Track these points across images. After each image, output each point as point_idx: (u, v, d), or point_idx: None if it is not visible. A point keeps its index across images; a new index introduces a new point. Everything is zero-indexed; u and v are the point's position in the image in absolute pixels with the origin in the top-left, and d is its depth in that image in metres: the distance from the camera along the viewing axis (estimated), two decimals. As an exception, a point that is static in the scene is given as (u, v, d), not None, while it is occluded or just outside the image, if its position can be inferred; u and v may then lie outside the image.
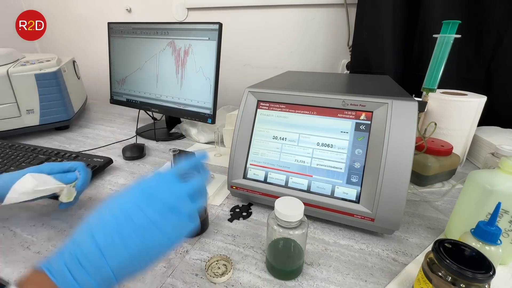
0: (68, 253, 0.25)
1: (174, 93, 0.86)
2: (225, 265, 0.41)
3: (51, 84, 0.88)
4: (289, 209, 0.36)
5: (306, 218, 0.38)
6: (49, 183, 0.45)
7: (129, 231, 0.26)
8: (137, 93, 0.94)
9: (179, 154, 0.59)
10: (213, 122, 0.80)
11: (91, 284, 0.24)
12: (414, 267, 0.41)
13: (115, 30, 0.94)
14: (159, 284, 0.38)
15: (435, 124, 0.63)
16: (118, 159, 0.74)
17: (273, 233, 0.37)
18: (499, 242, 0.34)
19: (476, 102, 0.66)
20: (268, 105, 0.53)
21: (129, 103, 0.97)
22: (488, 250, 0.34)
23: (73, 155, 0.69)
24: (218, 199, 0.57)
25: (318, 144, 0.48)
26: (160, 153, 0.80)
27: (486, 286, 0.29)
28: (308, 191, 0.48)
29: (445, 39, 0.55)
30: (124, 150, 0.77)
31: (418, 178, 0.62)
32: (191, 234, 0.30)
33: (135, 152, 0.76)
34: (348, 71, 0.96)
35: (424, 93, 0.61)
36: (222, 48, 0.75)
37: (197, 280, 0.38)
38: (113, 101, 1.01)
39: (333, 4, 0.93)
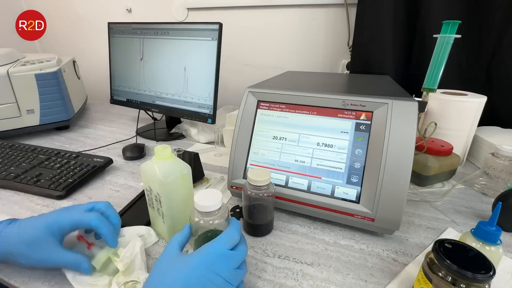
0: None
1: (174, 93, 0.86)
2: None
3: (51, 84, 0.88)
4: (207, 200, 0.36)
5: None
6: None
7: None
8: (137, 93, 0.94)
9: (183, 154, 0.59)
10: (213, 122, 0.80)
11: None
12: (414, 267, 0.41)
13: (115, 30, 0.94)
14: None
15: (435, 124, 0.63)
16: (118, 159, 0.74)
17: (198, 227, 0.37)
18: (499, 242, 0.34)
19: (476, 102, 0.66)
20: (268, 105, 0.53)
21: (129, 103, 0.97)
22: (488, 250, 0.34)
23: (73, 155, 0.69)
24: (223, 199, 0.57)
25: (318, 144, 0.48)
26: (160, 153, 0.80)
27: (486, 286, 0.29)
28: (308, 191, 0.48)
29: (445, 39, 0.55)
30: (124, 150, 0.77)
31: (418, 178, 0.62)
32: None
33: (135, 152, 0.76)
34: (348, 71, 0.96)
35: (424, 93, 0.61)
36: (222, 48, 0.75)
37: (197, 280, 0.38)
38: (113, 101, 1.01)
39: (333, 4, 0.93)
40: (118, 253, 0.39)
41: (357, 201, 0.45)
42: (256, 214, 0.47)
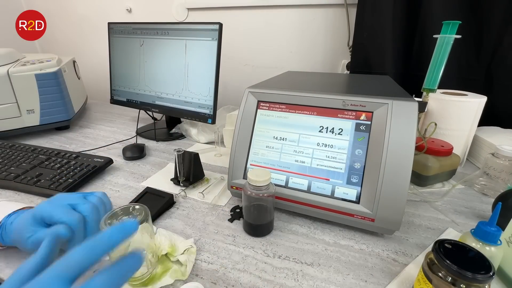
0: None
1: (174, 93, 0.86)
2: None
3: (52, 84, 0.88)
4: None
5: None
6: None
7: None
8: (137, 93, 0.94)
9: (183, 154, 0.59)
10: (213, 122, 0.80)
11: None
12: (414, 268, 0.41)
13: (115, 30, 0.94)
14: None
15: (435, 124, 0.63)
16: (118, 159, 0.74)
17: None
18: (499, 242, 0.34)
19: (476, 103, 0.66)
20: (268, 105, 0.53)
21: (129, 103, 0.97)
22: (488, 251, 0.34)
23: (74, 155, 0.69)
24: (224, 199, 0.58)
25: (318, 144, 0.48)
26: (160, 153, 0.80)
27: (486, 286, 0.29)
28: (308, 191, 0.48)
29: (445, 39, 0.55)
30: (124, 150, 0.77)
31: (419, 178, 0.62)
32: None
33: (135, 152, 0.76)
34: (348, 71, 0.96)
35: (424, 93, 0.61)
36: (222, 48, 0.75)
37: (197, 280, 0.38)
38: (113, 101, 1.01)
39: (333, 4, 0.93)
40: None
41: (357, 201, 0.45)
42: (256, 214, 0.47)
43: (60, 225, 0.34)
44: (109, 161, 0.69)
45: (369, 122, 0.46)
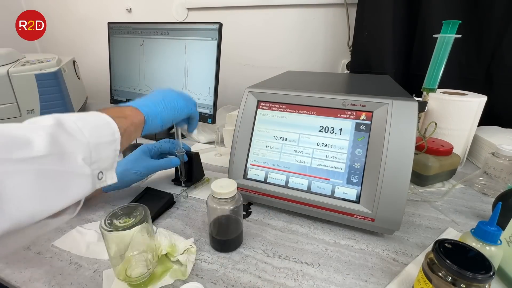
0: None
1: (174, 93, 0.86)
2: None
3: (51, 84, 0.88)
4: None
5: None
6: None
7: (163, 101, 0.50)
8: (137, 93, 0.94)
9: (183, 154, 0.59)
10: (213, 122, 0.80)
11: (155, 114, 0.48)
12: (414, 267, 0.41)
13: (115, 30, 0.94)
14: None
15: (436, 124, 0.63)
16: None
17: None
18: (499, 242, 0.34)
19: (476, 102, 0.66)
20: (268, 105, 0.53)
21: (129, 103, 0.97)
22: (488, 250, 0.34)
23: (73, 155, 0.69)
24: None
25: (318, 144, 0.48)
26: (160, 153, 0.80)
27: (486, 286, 0.29)
28: (308, 191, 0.48)
29: (445, 39, 0.55)
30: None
31: (419, 178, 0.62)
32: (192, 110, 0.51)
33: (135, 152, 0.76)
34: (348, 71, 0.96)
35: (425, 93, 0.61)
36: (222, 48, 0.75)
37: (197, 280, 0.38)
38: (113, 101, 1.01)
39: (333, 4, 0.93)
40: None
41: (357, 201, 0.45)
42: (225, 228, 0.44)
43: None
44: (109, 161, 0.69)
45: (369, 122, 0.46)
